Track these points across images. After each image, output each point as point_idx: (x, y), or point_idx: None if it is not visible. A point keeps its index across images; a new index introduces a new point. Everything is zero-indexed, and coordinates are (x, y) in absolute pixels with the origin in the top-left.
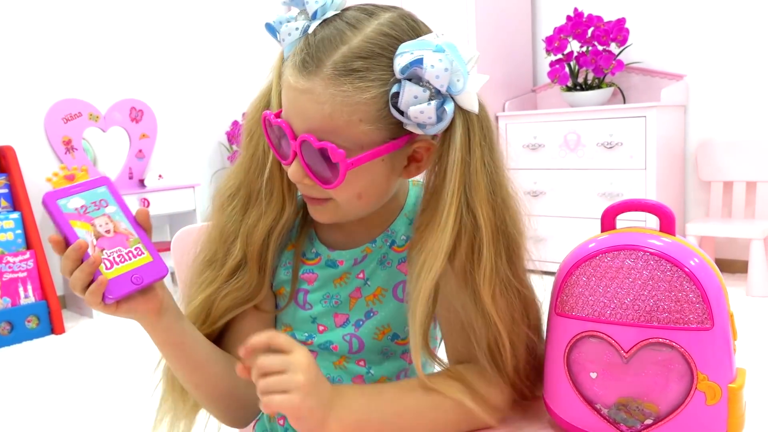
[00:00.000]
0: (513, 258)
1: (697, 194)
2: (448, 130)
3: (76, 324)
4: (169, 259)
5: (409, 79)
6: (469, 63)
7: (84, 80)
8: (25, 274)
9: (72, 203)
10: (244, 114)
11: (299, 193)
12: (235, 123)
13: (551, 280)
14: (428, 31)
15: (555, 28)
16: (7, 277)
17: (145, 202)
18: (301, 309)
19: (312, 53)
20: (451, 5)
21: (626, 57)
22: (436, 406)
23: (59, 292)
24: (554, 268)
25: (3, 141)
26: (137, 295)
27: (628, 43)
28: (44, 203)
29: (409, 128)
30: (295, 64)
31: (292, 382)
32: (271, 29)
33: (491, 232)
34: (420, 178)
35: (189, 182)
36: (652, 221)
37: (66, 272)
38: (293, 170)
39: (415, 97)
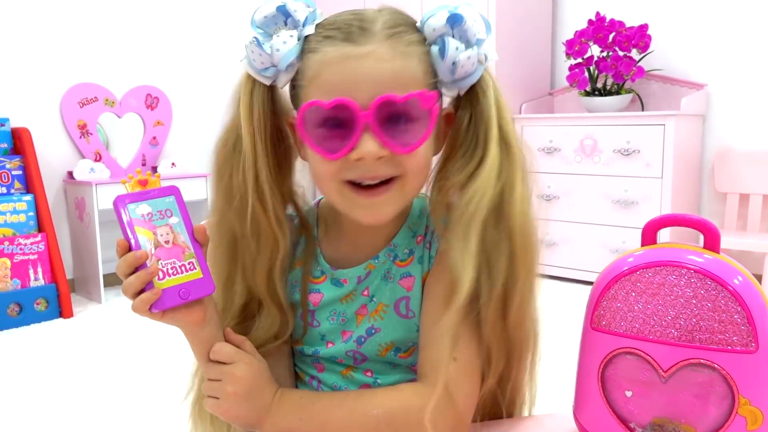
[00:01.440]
0: (531, 190)
1: (713, 205)
2: (470, 91)
3: (85, 309)
4: None
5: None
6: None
7: (101, 65)
8: (35, 256)
9: (140, 209)
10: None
11: (296, 219)
12: None
13: (563, 285)
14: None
15: (576, 31)
16: (18, 258)
17: None
18: (310, 326)
19: (353, 26)
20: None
21: (647, 64)
22: (362, 421)
23: (69, 275)
24: (566, 273)
25: (19, 123)
26: (182, 305)
27: (649, 50)
28: (115, 205)
29: (443, 90)
30: (340, 39)
31: (222, 392)
32: (285, 12)
33: (522, 166)
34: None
35: (202, 171)
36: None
37: (121, 274)
38: (367, 146)
39: (457, 48)
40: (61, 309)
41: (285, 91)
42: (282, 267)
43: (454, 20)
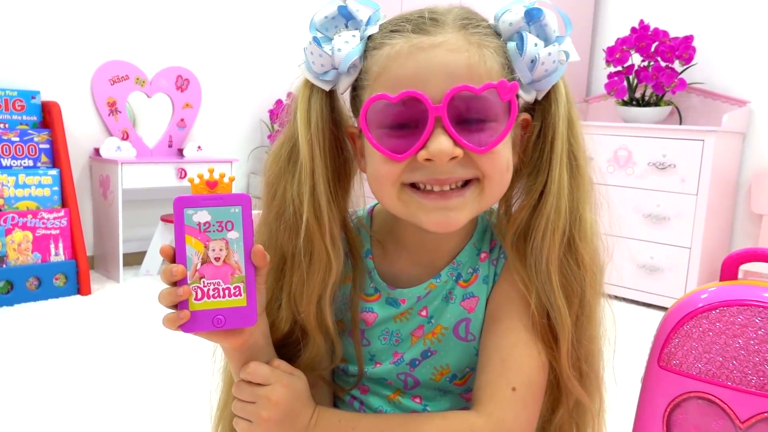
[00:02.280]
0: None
1: (746, 226)
2: (546, 97)
3: (103, 287)
4: None
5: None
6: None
7: (134, 44)
8: (57, 231)
9: (198, 216)
10: (289, 94)
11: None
12: (279, 102)
13: None
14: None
15: (618, 39)
16: (40, 232)
17: (182, 172)
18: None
19: (423, 17)
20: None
21: (688, 76)
22: None
23: (89, 252)
24: None
25: (50, 96)
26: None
27: (692, 62)
28: (174, 206)
29: (520, 91)
30: (410, 30)
31: (256, 416)
32: (346, 13)
33: (588, 179)
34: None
35: (227, 156)
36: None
37: (162, 281)
38: (440, 144)
39: (536, 45)
40: (79, 286)
41: (345, 99)
42: (332, 293)
43: (532, 15)
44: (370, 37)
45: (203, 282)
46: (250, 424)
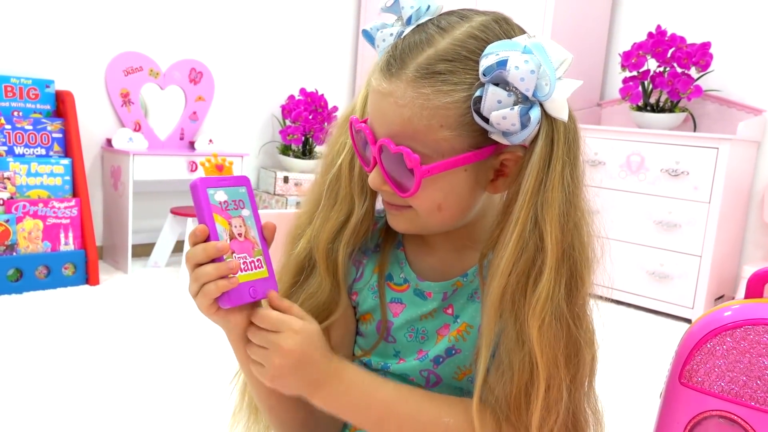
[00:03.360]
0: (573, 291)
1: (758, 236)
2: (533, 141)
3: (111, 277)
4: None
5: (496, 84)
6: (560, 66)
7: (149, 35)
8: (68, 221)
9: (218, 196)
10: (301, 90)
11: (380, 204)
12: (291, 98)
13: (596, 303)
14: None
15: (634, 43)
16: (50, 221)
17: (193, 165)
18: (384, 340)
19: (397, 55)
20: (530, 10)
21: (704, 83)
22: (428, 427)
23: (98, 242)
24: (599, 291)
25: (64, 86)
26: (238, 307)
27: (709, 69)
28: (194, 187)
29: (494, 137)
30: (381, 67)
31: (269, 361)
32: (369, 36)
33: (556, 257)
34: None
35: (238, 151)
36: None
37: (194, 261)
38: (372, 177)
39: (499, 102)
40: (88, 276)
41: None
42: (349, 237)
43: (501, 65)
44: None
45: (234, 257)
46: (262, 367)
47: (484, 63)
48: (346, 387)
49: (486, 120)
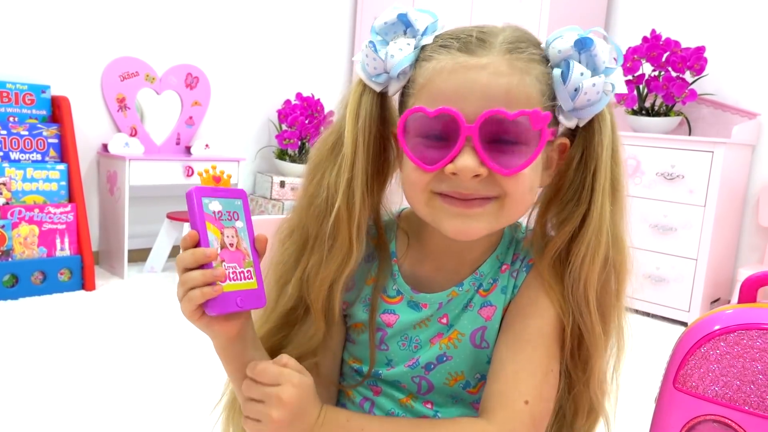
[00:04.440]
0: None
1: (753, 239)
2: (587, 126)
3: (107, 282)
4: None
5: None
6: (613, 51)
7: (145, 40)
8: (63, 226)
9: (212, 205)
10: (297, 94)
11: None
12: (287, 102)
13: None
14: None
15: (629, 48)
16: (46, 227)
17: (189, 170)
18: (377, 349)
19: (472, 36)
20: (525, 14)
21: (699, 87)
22: None
23: (94, 248)
24: None
25: (60, 91)
26: (222, 315)
27: (703, 73)
28: (189, 195)
29: (562, 118)
30: (457, 48)
31: (266, 416)
32: (406, 20)
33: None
34: (522, 220)
35: (234, 156)
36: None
37: (183, 266)
38: (466, 161)
39: (581, 74)
40: (84, 281)
41: (395, 99)
42: (345, 282)
43: (583, 44)
44: (423, 47)
45: (224, 265)
46: (259, 423)
47: (560, 43)
48: (336, 428)
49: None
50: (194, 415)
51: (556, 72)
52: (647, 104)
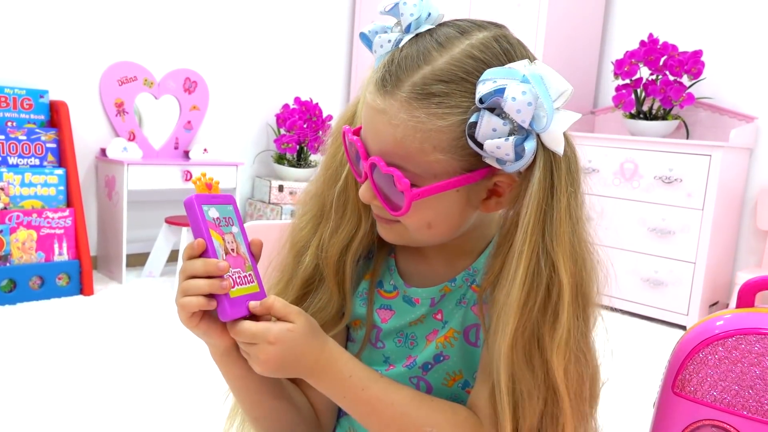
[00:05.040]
0: (587, 323)
1: (751, 242)
2: (530, 168)
3: (105, 287)
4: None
5: (491, 110)
6: (559, 98)
7: (143, 45)
8: (62, 231)
9: (211, 212)
10: (296, 99)
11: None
12: (286, 106)
13: None
14: (524, 55)
15: (627, 52)
16: (44, 232)
17: (188, 175)
18: (373, 346)
19: (392, 71)
20: (523, 18)
21: (696, 91)
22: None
23: (92, 252)
24: None
25: (58, 96)
26: (218, 323)
27: (701, 77)
28: (190, 204)
29: (488, 161)
30: (376, 81)
31: (252, 356)
32: (366, 40)
33: (572, 292)
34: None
35: (233, 160)
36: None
37: (190, 274)
38: (363, 190)
39: (494, 130)
40: (82, 286)
41: None
42: (357, 249)
43: (498, 93)
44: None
45: (231, 271)
46: (252, 361)
47: (481, 89)
48: (330, 381)
49: (480, 146)
50: (193, 419)
51: (471, 119)
52: (645, 108)
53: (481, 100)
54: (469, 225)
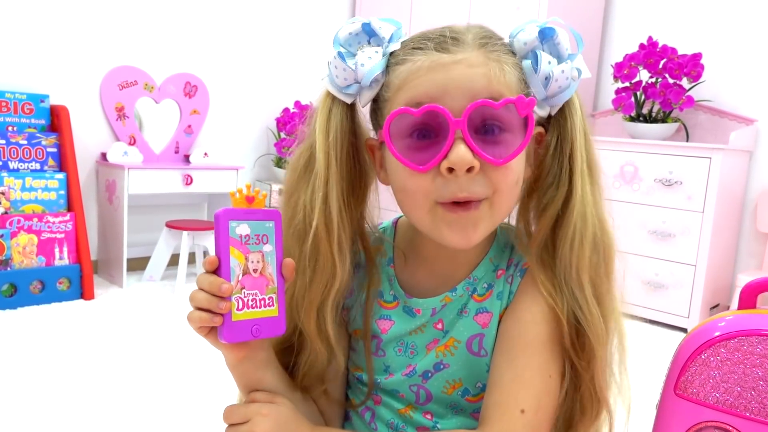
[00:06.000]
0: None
1: (752, 245)
2: (560, 111)
3: (106, 291)
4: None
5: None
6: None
7: (144, 49)
8: (62, 235)
9: (240, 229)
10: (296, 102)
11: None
12: (286, 110)
13: None
14: None
15: (626, 55)
16: (45, 236)
17: (188, 179)
18: (374, 356)
19: (444, 35)
20: (521, 21)
21: (696, 94)
22: None
23: (93, 257)
24: None
25: (58, 100)
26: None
27: (700, 80)
28: (217, 219)
29: (537, 107)
30: (431, 48)
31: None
32: (370, 30)
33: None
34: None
35: (233, 164)
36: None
37: (198, 287)
38: (461, 154)
39: (549, 63)
40: (82, 290)
41: (365, 111)
42: (334, 302)
43: (545, 34)
44: (392, 54)
45: (243, 293)
46: None
47: (523, 36)
48: None
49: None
50: (194, 424)
51: (526, 63)
52: (645, 111)
53: (540, 34)
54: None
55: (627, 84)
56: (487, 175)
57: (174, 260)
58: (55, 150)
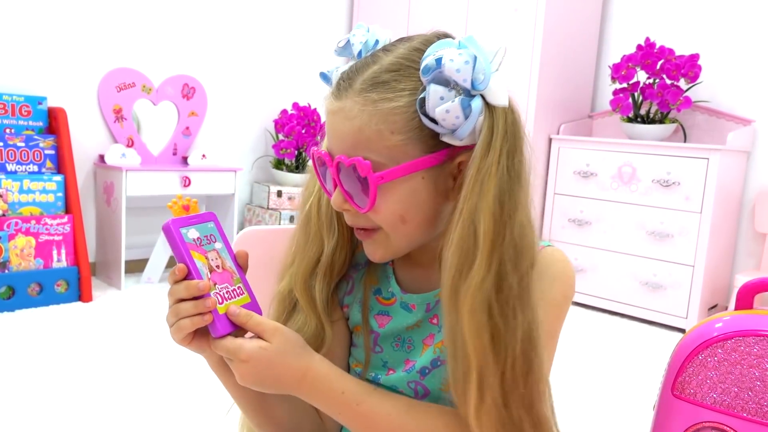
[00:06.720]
0: (503, 282)
1: (750, 245)
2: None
3: (104, 293)
4: None
5: (437, 83)
6: (496, 56)
7: (141, 51)
8: (60, 237)
9: (190, 234)
10: (294, 104)
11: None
12: (284, 112)
13: (588, 313)
14: None
15: (624, 56)
16: (43, 238)
17: (186, 181)
18: (372, 352)
19: (345, 77)
20: (520, 23)
21: (693, 94)
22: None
23: (91, 259)
24: (591, 301)
25: (56, 102)
26: (209, 338)
27: (698, 81)
28: (167, 229)
29: (445, 139)
30: (332, 90)
31: (233, 371)
32: (326, 78)
33: (487, 249)
34: None
35: (231, 166)
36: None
37: (175, 297)
38: (334, 197)
39: (441, 98)
40: (80, 292)
41: None
42: (324, 272)
43: (429, 69)
44: None
45: (217, 287)
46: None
47: (423, 64)
48: (326, 397)
49: (434, 121)
50: (192, 426)
51: (421, 96)
52: (642, 112)
53: (423, 73)
54: (443, 218)
55: (624, 85)
56: (366, 214)
57: (172, 262)
58: (52, 152)
